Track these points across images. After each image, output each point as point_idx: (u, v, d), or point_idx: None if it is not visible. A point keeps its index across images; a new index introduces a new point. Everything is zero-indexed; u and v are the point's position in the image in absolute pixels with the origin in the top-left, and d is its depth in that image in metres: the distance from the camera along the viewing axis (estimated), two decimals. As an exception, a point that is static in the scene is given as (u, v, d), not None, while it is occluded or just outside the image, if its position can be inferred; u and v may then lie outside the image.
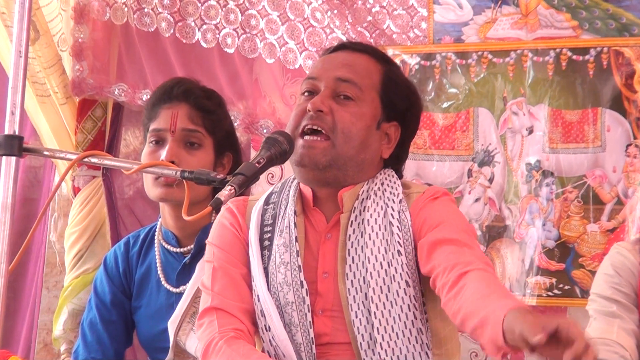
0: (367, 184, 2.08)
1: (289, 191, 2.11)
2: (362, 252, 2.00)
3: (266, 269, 2.05)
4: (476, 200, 3.32)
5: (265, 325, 2.02)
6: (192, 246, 2.53)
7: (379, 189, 2.07)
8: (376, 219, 2.02)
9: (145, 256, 2.64)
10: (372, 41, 3.37)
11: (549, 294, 3.22)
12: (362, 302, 1.98)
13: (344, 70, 2.09)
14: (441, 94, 3.35)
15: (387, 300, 1.97)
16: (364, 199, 2.06)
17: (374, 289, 1.97)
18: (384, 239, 2.00)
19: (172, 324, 2.39)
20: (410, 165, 3.34)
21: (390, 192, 2.06)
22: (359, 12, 3.42)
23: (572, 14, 3.25)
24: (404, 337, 1.95)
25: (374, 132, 2.10)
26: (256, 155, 1.95)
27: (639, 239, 2.45)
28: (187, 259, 2.55)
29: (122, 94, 3.56)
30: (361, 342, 1.96)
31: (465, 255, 1.91)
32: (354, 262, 2.00)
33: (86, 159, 2.06)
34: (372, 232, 2.01)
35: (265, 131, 3.46)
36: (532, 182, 3.26)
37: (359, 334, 1.97)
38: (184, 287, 2.47)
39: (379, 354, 1.94)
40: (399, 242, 2.00)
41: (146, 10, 3.56)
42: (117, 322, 2.62)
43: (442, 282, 1.89)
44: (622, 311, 2.29)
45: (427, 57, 3.37)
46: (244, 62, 3.54)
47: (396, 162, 2.17)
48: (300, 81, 2.70)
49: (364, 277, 1.98)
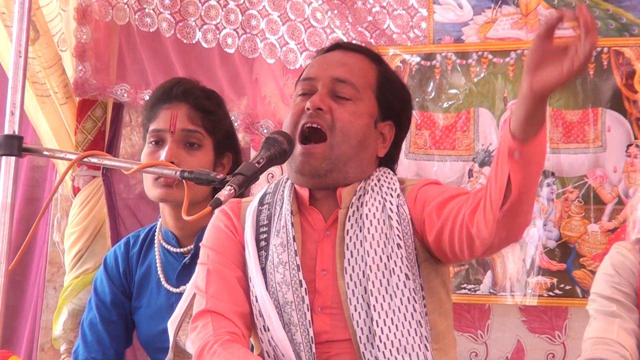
0: (364, 182, 2.09)
1: (284, 191, 2.11)
2: (361, 246, 2.00)
3: (264, 269, 2.04)
4: (477, 200, 3.32)
5: (264, 325, 2.02)
6: (192, 246, 2.53)
7: (376, 184, 2.08)
8: (374, 213, 2.03)
9: (145, 256, 2.64)
10: (372, 41, 3.37)
11: (550, 294, 3.22)
12: (362, 295, 1.97)
13: (340, 70, 2.09)
14: (441, 94, 3.35)
15: (387, 293, 1.97)
16: (361, 195, 2.06)
17: (373, 282, 1.97)
18: (382, 232, 2.01)
19: (171, 324, 2.38)
20: (410, 165, 3.34)
21: (387, 187, 2.07)
22: (359, 12, 3.41)
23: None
24: (403, 328, 1.95)
25: (371, 131, 2.11)
26: (256, 155, 1.95)
27: (639, 238, 2.44)
28: (187, 259, 2.55)
29: (125, 94, 3.57)
30: (360, 336, 1.96)
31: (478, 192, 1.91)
32: (352, 257, 2.00)
33: (86, 159, 2.07)
34: (371, 225, 2.01)
35: (265, 131, 3.46)
36: (532, 182, 3.25)
37: (358, 327, 1.96)
38: (184, 287, 2.46)
39: (378, 347, 1.94)
40: (398, 235, 2.00)
41: (147, 10, 3.56)
42: (117, 322, 2.63)
43: (463, 211, 1.88)
44: (622, 311, 2.28)
45: (427, 57, 3.37)
46: (245, 62, 3.54)
47: (390, 162, 2.18)
48: (300, 81, 2.70)
49: (363, 270, 1.99)
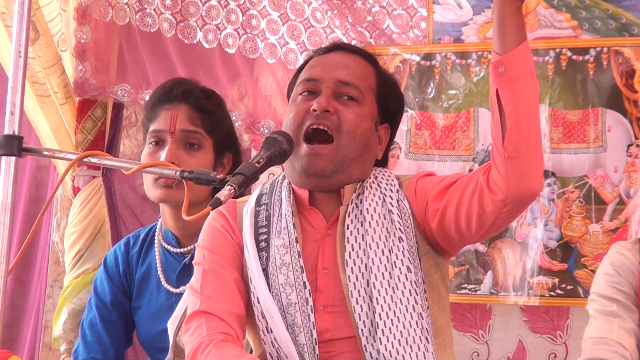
0: (363, 180, 2.11)
1: (281, 192, 2.11)
2: (363, 240, 2.02)
3: (265, 270, 2.04)
4: (477, 200, 3.32)
5: (266, 326, 2.02)
6: (192, 246, 2.53)
7: (374, 182, 2.10)
8: (375, 208, 2.04)
9: (145, 256, 2.64)
10: (372, 41, 3.37)
11: (552, 294, 3.22)
12: (364, 288, 1.98)
13: (344, 72, 2.11)
14: (441, 94, 3.35)
15: (389, 286, 1.98)
16: (360, 193, 2.08)
17: (376, 275, 1.98)
18: (384, 227, 2.03)
19: (171, 324, 2.38)
20: (410, 165, 3.35)
21: (386, 183, 2.10)
22: (358, 12, 3.41)
23: (572, 14, 3.25)
24: (405, 320, 1.96)
25: (373, 134, 2.13)
26: (256, 154, 1.95)
27: (639, 238, 2.44)
28: (187, 259, 2.55)
29: (125, 95, 3.57)
30: (362, 329, 1.97)
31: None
32: (353, 250, 2.01)
33: (86, 159, 2.07)
34: (372, 220, 2.03)
35: (266, 131, 3.46)
36: (533, 182, 3.25)
37: (360, 320, 1.97)
38: (184, 287, 2.45)
39: (380, 339, 1.95)
40: (400, 229, 2.02)
41: (148, 10, 3.56)
42: (117, 322, 2.63)
43: (473, 182, 1.93)
44: (622, 310, 2.28)
45: (427, 57, 3.37)
46: (245, 62, 3.54)
47: (383, 164, 2.21)
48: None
49: (365, 264, 2.00)
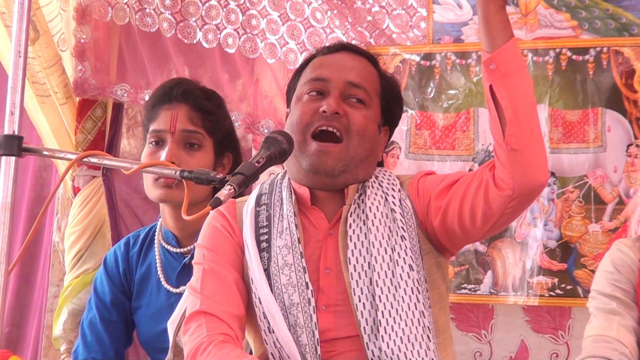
0: (365, 181, 2.12)
1: (282, 191, 2.12)
2: (366, 238, 2.02)
3: (267, 271, 2.05)
4: (477, 200, 3.32)
5: (268, 327, 2.02)
6: (192, 246, 2.53)
7: (375, 181, 2.11)
8: (377, 207, 2.06)
9: (145, 256, 2.64)
10: (371, 41, 3.37)
11: (551, 293, 3.22)
12: (367, 286, 1.99)
13: (353, 74, 2.11)
14: (441, 93, 3.35)
15: (392, 284, 1.99)
16: (362, 193, 2.09)
17: (379, 273, 1.99)
18: (386, 225, 2.04)
19: (171, 324, 2.38)
20: (410, 165, 3.35)
21: (387, 183, 2.11)
22: (358, 12, 3.41)
23: (572, 14, 3.25)
24: (407, 318, 1.97)
25: (378, 136, 2.16)
26: (255, 154, 1.95)
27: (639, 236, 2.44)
28: (187, 259, 2.55)
29: (125, 94, 3.57)
30: (365, 327, 1.97)
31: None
32: (356, 248, 2.02)
33: (86, 159, 2.07)
34: (375, 218, 2.04)
35: (266, 131, 3.46)
36: (533, 182, 3.25)
37: (363, 318, 1.98)
38: (184, 287, 2.45)
39: (382, 337, 1.95)
40: (402, 227, 2.03)
41: (148, 10, 3.56)
42: (117, 322, 2.63)
43: (477, 178, 1.96)
44: (621, 308, 2.28)
45: (427, 57, 3.37)
46: (245, 62, 3.54)
47: (380, 165, 2.23)
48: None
49: (368, 262, 2.01)
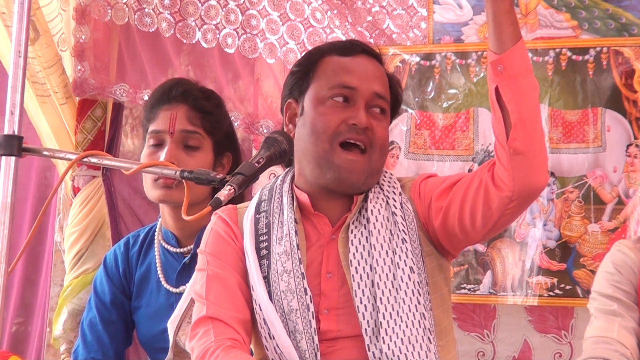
0: None
1: (281, 198, 2.11)
2: (367, 242, 2.03)
3: (266, 278, 2.05)
4: (477, 200, 3.32)
5: (269, 333, 2.02)
6: (192, 246, 2.53)
7: (376, 185, 2.11)
8: (379, 210, 2.06)
9: (145, 256, 2.64)
10: (372, 41, 3.37)
11: (550, 294, 3.22)
12: (369, 289, 2.00)
13: (378, 84, 2.11)
14: (441, 94, 3.35)
15: (393, 287, 2.00)
16: (363, 198, 2.09)
17: (380, 275, 2.00)
18: (387, 229, 2.04)
19: (171, 324, 2.38)
20: (410, 165, 3.35)
21: (388, 185, 2.11)
22: (358, 12, 3.41)
23: (572, 14, 3.25)
24: (408, 320, 1.98)
25: None
26: (255, 154, 1.95)
27: (640, 237, 2.44)
28: (186, 259, 2.55)
29: (124, 94, 3.56)
30: (366, 329, 1.98)
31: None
32: (357, 251, 2.03)
33: (86, 159, 2.07)
34: (377, 221, 2.05)
35: (265, 131, 3.46)
36: (532, 182, 3.25)
37: (364, 320, 1.99)
38: (184, 287, 2.46)
39: (383, 339, 1.96)
40: (403, 230, 2.03)
41: (147, 10, 3.55)
42: (116, 322, 2.63)
43: (476, 180, 1.96)
44: (622, 309, 2.28)
45: (427, 57, 3.37)
46: (245, 62, 3.54)
47: None
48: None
49: (370, 265, 2.01)
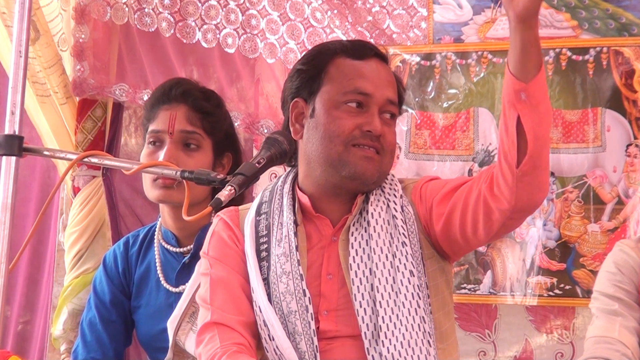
0: None
1: (281, 199, 2.11)
2: (367, 245, 2.03)
3: (266, 280, 2.05)
4: (477, 200, 3.32)
5: (268, 334, 2.03)
6: (192, 246, 2.53)
7: (377, 187, 2.11)
8: (379, 213, 2.06)
9: (144, 256, 2.64)
10: (372, 41, 3.36)
11: (550, 293, 3.22)
12: (368, 292, 2.00)
13: (390, 90, 2.11)
14: (441, 93, 3.35)
15: (393, 290, 2.00)
16: (364, 200, 2.09)
17: (379, 279, 2.00)
18: (387, 232, 2.04)
19: (171, 324, 2.38)
20: (410, 165, 3.35)
21: (389, 188, 2.11)
22: (359, 12, 3.41)
23: (572, 14, 3.25)
24: (407, 323, 1.98)
25: None
26: (256, 155, 1.95)
27: (643, 237, 2.44)
28: (186, 258, 2.55)
29: (123, 94, 3.56)
30: (365, 332, 1.98)
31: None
32: (357, 254, 2.03)
33: (86, 159, 2.07)
34: (377, 224, 2.05)
35: (266, 131, 3.46)
36: (532, 182, 3.25)
37: (364, 323, 1.99)
38: (184, 286, 2.46)
39: (383, 342, 1.96)
40: (403, 234, 2.03)
41: (147, 10, 3.55)
42: (116, 321, 2.63)
43: (476, 189, 1.94)
44: (624, 309, 2.28)
45: (427, 57, 3.37)
46: (245, 62, 3.53)
47: None
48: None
49: (370, 268, 2.01)
